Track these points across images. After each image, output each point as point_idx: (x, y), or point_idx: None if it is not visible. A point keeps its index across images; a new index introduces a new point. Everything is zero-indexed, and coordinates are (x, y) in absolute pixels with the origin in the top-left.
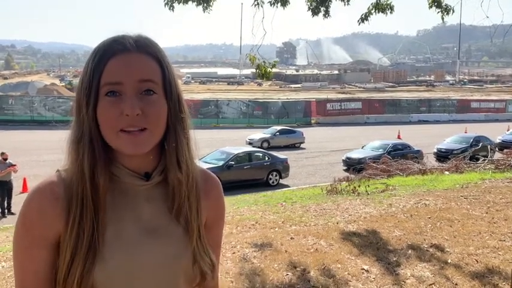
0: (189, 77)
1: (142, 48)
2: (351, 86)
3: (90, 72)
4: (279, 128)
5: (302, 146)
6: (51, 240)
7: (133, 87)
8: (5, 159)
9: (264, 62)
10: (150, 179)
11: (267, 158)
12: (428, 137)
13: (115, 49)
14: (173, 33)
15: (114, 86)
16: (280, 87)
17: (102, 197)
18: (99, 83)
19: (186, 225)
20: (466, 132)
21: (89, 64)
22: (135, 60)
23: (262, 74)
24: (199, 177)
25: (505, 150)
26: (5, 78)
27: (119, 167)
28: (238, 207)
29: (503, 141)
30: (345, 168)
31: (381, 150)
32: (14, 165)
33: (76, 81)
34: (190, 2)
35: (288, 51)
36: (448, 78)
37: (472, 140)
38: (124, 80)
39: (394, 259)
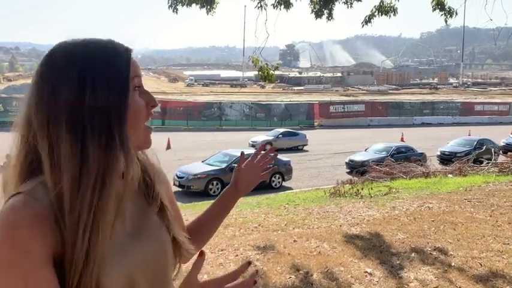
0: (192, 79)
1: None
2: (354, 89)
3: (120, 68)
4: (282, 130)
5: (305, 148)
6: (50, 255)
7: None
8: None
9: (267, 64)
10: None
11: None
12: (432, 140)
13: (127, 47)
14: (176, 35)
15: (138, 78)
16: (283, 89)
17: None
18: (128, 76)
19: (162, 214)
20: (469, 135)
21: (114, 61)
22: None
23: (265, 76)
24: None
25: (508, 153)
26: (9, 80)
27: None
28: (240, 210)
29: (507, 144)
30: (348, 170)
31: (384, 152)
32: None
33: None
34: (194, 4)
35: (291, 53)
36: (451, 80)
37: (475, 143)
38: (140, 73)
39: (398, 262)
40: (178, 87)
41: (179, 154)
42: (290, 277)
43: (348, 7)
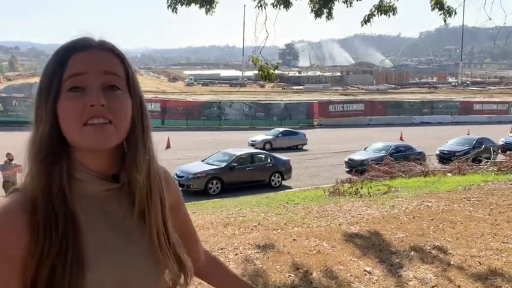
0: (192, 79)
1: (105, 46)
2: (353, 88)
3: (52, 68)
4: (281, 129)
5: (304, 147)
6: (27, 265)
7: (98, 79)
8: (11, 160)
9: (266, 63)
10: (119, 181)
11: (269, 160)
12: (431, 139)
13: (78, 45)
14: (176, 35)
15: (78, 77)
16: (283, 88)
17: (72, 204)
18: (61, 79)
19: (150, 225)
20: (468, 134)
21: (51, 61)
22: (99, 54)
23: (265, 76)
24: (161, 175)
25: (507, 152)
26: (9, 80)
27: (85, 171)
28: (240, 209)
29: (506, 143)
30: (347, 169)
31: (383, 151)
32: (20, 165)
33: None
34: (193, 4)
35: (290, 53)
36: (450, 80)
37: (474, 142)
38: (88, 70)
39: (397, 261)
40: (178, 87)
41: (179, 153)
42: (290, 276)
43: (347, 6)
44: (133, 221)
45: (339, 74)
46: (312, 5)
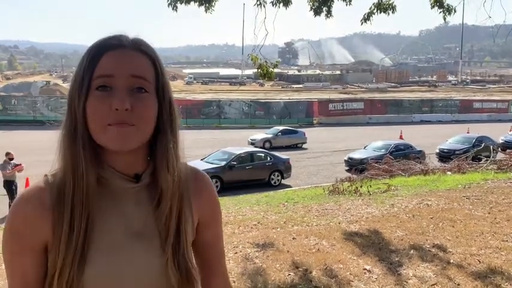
0: (191, 78)
1: (137, 46)
2: (353, 86)
3: (84, 65)
4: (281, 128)
5: (304, 146)
6: (38, 246)
7: (125, 82)
8: (11, 159)
9: (266, 62)
10: (140, 181)
11: (269, 158)
12: (431, 137)
13: (110, 44)
14: (175, 34)
15: (106, 79)
16: (282, 87)
17: (91, 198)
18: (91, 77)
19: (168, 229)
20: (468, 133)
21: (84, 59)
22: (130, 56)
23: (264, 74)
24: (188, 178)
25: (507, 150)
26: (8, 79)
27: (108, 169)
28: (240, 208)
29: (505, 141)
30: (347, 168)
31: (383, 150)
32: (19, 164)
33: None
34: (192, 2)
35: (289, 51)
36: (450, 78)
37: (474, 141)
38: (116, 73)
39: (396, 259)
40: (178, 86)
41: None
42: (289, 274)
43: (346, 4)
44: (150, 223)
45: (338, 72)
46: (311, 3)
